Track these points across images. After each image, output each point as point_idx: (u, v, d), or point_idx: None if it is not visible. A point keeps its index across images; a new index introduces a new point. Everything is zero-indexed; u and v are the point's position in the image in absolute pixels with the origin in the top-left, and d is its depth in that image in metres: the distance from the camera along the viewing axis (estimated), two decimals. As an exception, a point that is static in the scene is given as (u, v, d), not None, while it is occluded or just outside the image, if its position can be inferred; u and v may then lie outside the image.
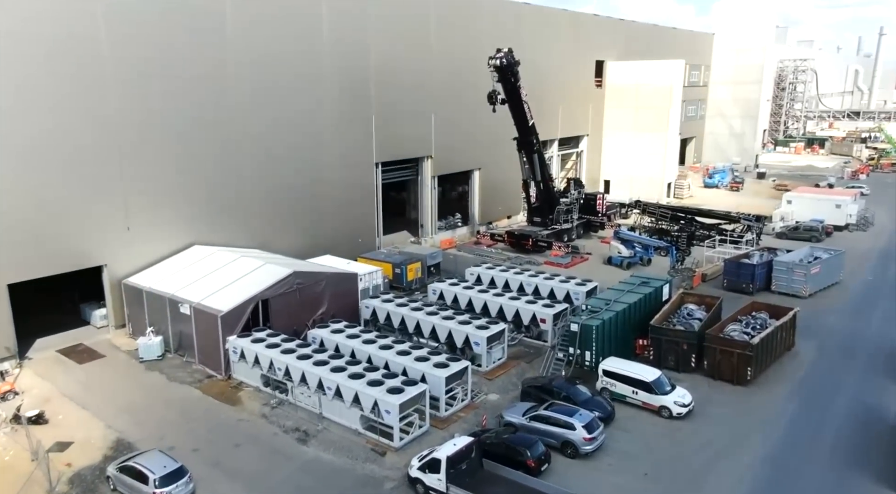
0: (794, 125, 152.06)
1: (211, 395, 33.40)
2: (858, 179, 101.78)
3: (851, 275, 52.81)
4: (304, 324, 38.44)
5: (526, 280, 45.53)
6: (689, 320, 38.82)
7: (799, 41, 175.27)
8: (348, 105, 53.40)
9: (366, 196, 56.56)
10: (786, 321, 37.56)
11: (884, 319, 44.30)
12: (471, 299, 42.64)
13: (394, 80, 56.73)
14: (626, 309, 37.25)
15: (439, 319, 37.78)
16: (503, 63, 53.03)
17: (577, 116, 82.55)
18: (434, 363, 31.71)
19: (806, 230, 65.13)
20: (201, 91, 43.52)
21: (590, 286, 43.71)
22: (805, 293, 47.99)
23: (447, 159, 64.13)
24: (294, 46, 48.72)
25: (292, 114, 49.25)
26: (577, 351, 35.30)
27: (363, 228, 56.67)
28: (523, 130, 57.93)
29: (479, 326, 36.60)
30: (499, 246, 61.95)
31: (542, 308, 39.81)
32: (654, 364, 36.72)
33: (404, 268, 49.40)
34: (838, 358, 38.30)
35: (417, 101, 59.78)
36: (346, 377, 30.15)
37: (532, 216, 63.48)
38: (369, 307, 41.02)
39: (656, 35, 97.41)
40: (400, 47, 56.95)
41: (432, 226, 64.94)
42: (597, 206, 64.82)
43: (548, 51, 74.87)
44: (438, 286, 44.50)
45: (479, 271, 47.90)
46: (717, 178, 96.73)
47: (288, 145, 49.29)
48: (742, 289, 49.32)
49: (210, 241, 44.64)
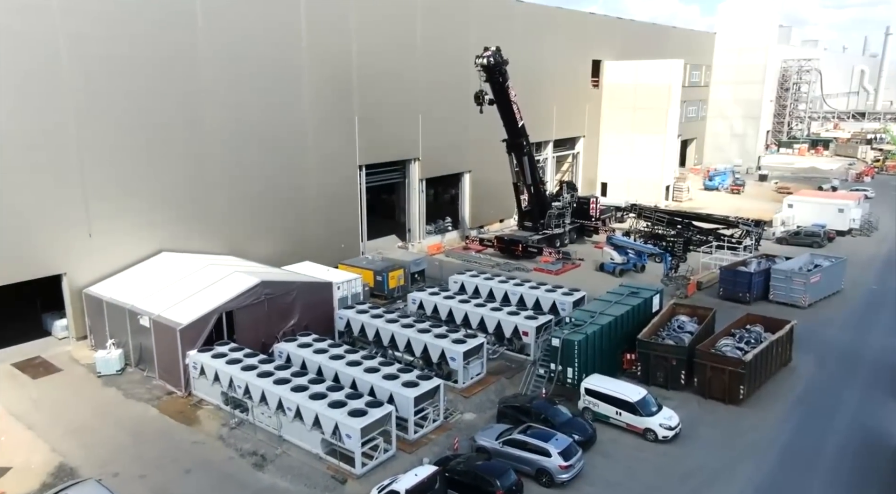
0: (797, 126, 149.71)
1: (168, 414, 31.38)
2: (863, 182, 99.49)
3: (854, 283, 50.62)
4: (274, 337, 36.46)
5: (511, 289, 43.47)
6: (679, 333, 36.71)
7: (803, 41, 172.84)
8: (329, 106, 51.40)
9: (349, 200, 54.54)
10: (782, 336, 35.42)
11: (887, 331, 42.13)
12: (451, 310, 40.60)
13: (378, 80, 54.71)
14: (612, 322, 35.14)
15: (415, 332, 35.71)
16: (490, 62, 51.00)
17: (573, 117, 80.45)
18: (403, 382, 29.64)
19: (807, 236, 62.93)
20: (169, 90, 41.48)
21: (577, 296, 41.63)
22: (804, 303, 45.83)
23: (436, 162, 62.10)
24: (269, 44, 46.69)
25: (268, 115, 47.22)
26: (558, 368, 33.22)
27: (346, 233, 54.65)
28: (513, 132, 55.90)
29: (455, 340, 34.53)
30: (488, 252, 59.90)
31: (525, 320, 37.74)
32: (642, 381, 34.83)
33: (385, 276, 47.38)
34: (838, 374, 36.16)
35: (403, 101, 57.77)
36: (307, 397, 28.11)
37: (523, 221, 61.43)
38: (343, 318, 38.99)
39: (655, 34, 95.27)
40: (384, 46, 54.90)
41: (420, 230, 62.90)
42: (590, 210, 62.63)
43: (542, 50, 72.84)
44: (418, 296, 42.46)
45: (462, 279, 45.86)
46: (718, 180, 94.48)
47: (263, 147, 47.27)
48: (738, 298, 47.21)
49: (180, 247, 42.71)
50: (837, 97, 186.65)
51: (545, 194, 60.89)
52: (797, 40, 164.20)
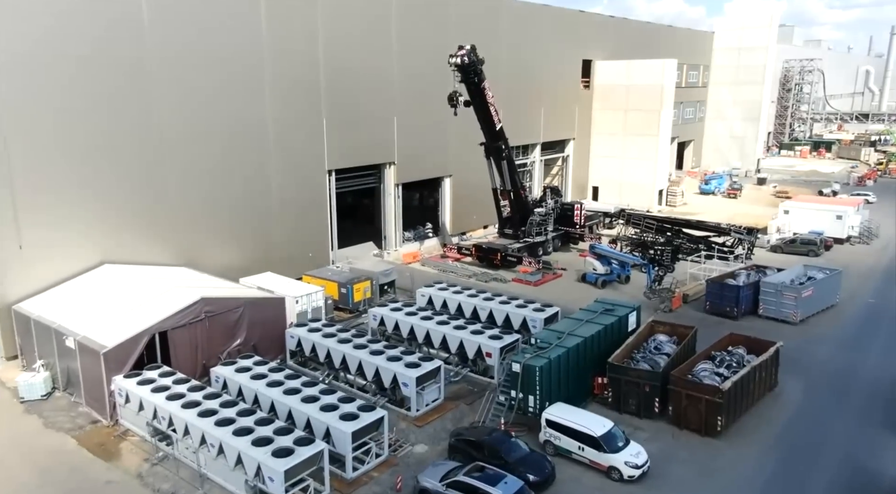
0: (799, 128, 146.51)
1: (87, 447, 28.55)
2: (865, 186, 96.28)
3: (850, 297, 47.59)
4: (218, 359, 33.68)
5: (480, 304, 40.62)
6: (655, 355, 33.77)
7: (806, 41, 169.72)
8: (294, 107, 48.56)
9: (317, 207, 51.69)
10: (766, 359, 32.44)
11: (885, 350, 39.08)
12: (413, 328, 37.74)
13: (349, 79, 51.84)
14: (580, 344, 32.18)
15: (367, 353, 32.84)
16: (464, 61, 48.13)
17: (563, 119, 77.46)
18: (342, 415, 26.76)
19: (803, 244, 59.90)
20: (112, 88, 38.62)
21: (549, 312, 38.73)
22: (795, 319, 42.84)
23: (413, 166, 59.23)
24: (224, 39, 43.78)
25: (225, 116, 44.38)
26: (519, 395, 30.31)
27: (315, 241, 51.81)
28: (491, 135, 52.99)
29: (409, 363, 31.65)
30: (466, 261, 56.98)
31: (488, 340, 34.82)
32: (614, 407, 32.03)
33: (350, 288, 44.55)
34: (828, 402, 33.15)
35: (378, 103, 54.91)
36: (230, 432, 25.27)
37: (503, 228, 58.51)
38: (294, 337, 36.15)
39: (650, 33, 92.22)
40: (355, 43, 52.04)
41: (397, 238, 60.06)
42: (574, 216, 59.62)
43: (528, 49, 69.93)
44: (379, 311, 39.61)
45: (430, 293, 43.00)
46: (714, 184, 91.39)
47: (220, 151, 44.47)
48: (726, 313, 44.29)
49: (125, 259, 39.90)
50: (842, 98, 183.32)
51: (527, 200, 57.93)
52: (799, 40, 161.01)
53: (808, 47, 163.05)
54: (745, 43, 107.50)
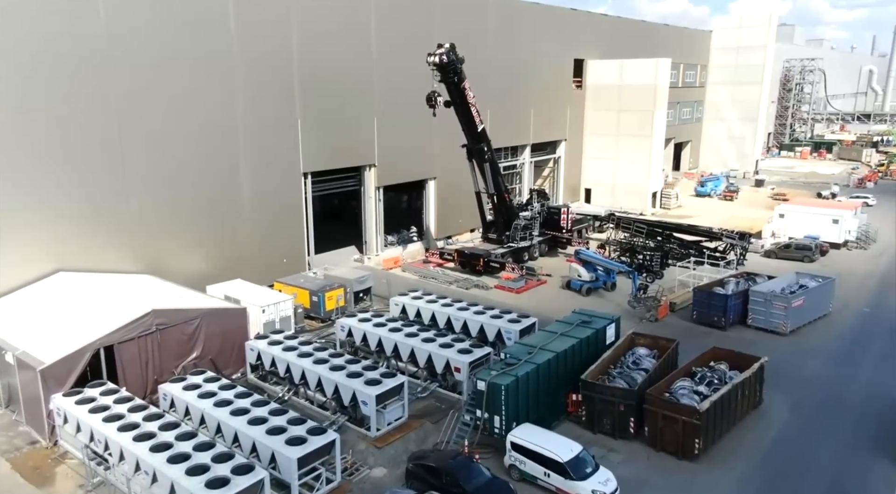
0: (800, 128, 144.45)
1: (21, 471, 26.81)
2: (865, 188, 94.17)
3: (844, 306, 45.65)
4: (172, 373, 31.93)
5: (455, 314, 38.77)
6: (632, 371, 31.88)
7: (807, 40, 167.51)
8: (267, 109, 46.75)
9: (292, 211, 49.88)
10: (749, 376, 30.56)
11: (878, 364, 37.13)
12: (381, 340, 35.93)
13: (325, 79, 50.03)
14: (552, 360, 30.32)
15: (326, 369, 31.02)
16: (443, 60, 46.28)
17: (554, 120, 75.58)
18: (288, 439, 24.94)
19: (798, 249, 57.92)
20: (68, 89, 36.88)
21: (526, 323, 36.87)
22: (785, 330, 40.94)
23: (395, 169, 57.38)
24: (190, 34, 42.03)
25: (191, 116, 42.56)
26: (484, 415, 28.48)
27: (290, 246, 50.01)
28: (473, 137, 51.13)
29: (369, 380, 29.82)
30: (449, 266, 55.15)
31: (457, 354, 32.95)
32: (588, 427, 30.24)
33: (321, 296, 42.73)
34: (816, 421, 31.22)
35: (356, 104, 53.08)
36: (165, 459, 23.47)
37: (487, 232, 56.66)
38: (254, 350, 34.34)
39: (645, 32, 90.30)
40: (331, 42, 50.26)
41: (378, 242, 58.24)
42: (561, 220, 57.70)
43: (517, 47, 68.06)
44: (347, 322, 37.79)
45: (404, 302, 41.21)
46: (710, 186, 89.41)
47: (187, 154, 42.64)
48: (713, 323, 42.44)
49: (83, 266, 38.12)
50: (844, 98, 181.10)
51: (511, 204, 56.05)
52: (801, 39, 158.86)
53: (809, 47, 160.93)
54: (744, 42, 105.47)
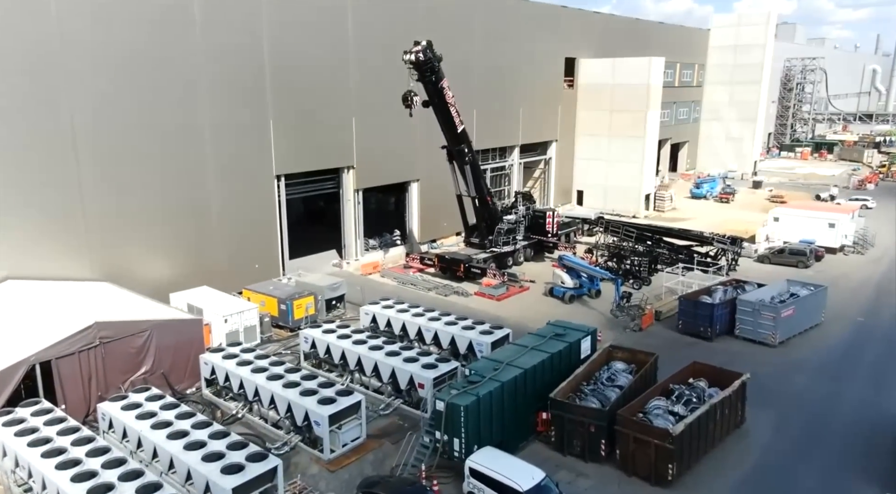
0: (801, 128, 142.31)
1: (-56, 497, 25.12)
2: (865, 190, 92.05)
3: (837, 314, 43.68)
4: (119, 390, 30.17)
5: (425, 325, 36.98)
6: (606, 388, 30.00)
7: (809, 39, 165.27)
8: (235, 108, 44.97)
9: (265, 214, 48.10)
10: (729, 395, 28.65)
11: (869, 380, 35.17)
12: (344, 353, 34.11)
13: (299, 78, 48.25)
14: (519, 377, 28.46)
15: (279, 386, 29.20)
16: (420, 58, 44.41)
17: (544, 120, 73.67)
18: (224, 467, 23.06)
19: (792, 254, 55.93)
20: (16, 87, 35.13)
21: (499, 335, 35.04)
22: (774, 342, 39.02)
23: (375, 170, 55.53)
24: (152, 35, 40.25)
25: (152, 115, 40.73)
26: (443, 438, 26.62)
27: (262, 251, 48.21)
28: (452, 138, 49.26)
29: (323, 399, 27.98)
30: (430, 272, 53.29)
31: (421, 370, 31.10)
32: (557, 448, 28.38)
33: (290, 304, 40.91)
34: (801, 443, 29.27)
35: (333, 103, 51.28)
36: (86, 489, 21.64)
37: (469, 237, 54.80)
38: (208, 364, 32.52)
39: (640, 30, 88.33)
40: (306, 38, 48.44)
41: (358, 246, 56.39)
42: (546, 224, 55.75)
43: (505, 45, 66.16)
44: (311, 333, 35.96)
45: (374, 311, 39.41)
46: (706, 188, 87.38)
47: (149, 156, 40.89)
48: (699, 334, 40.58)
49: (36, 274, 36.42)
50: (847, 98, 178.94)
51: (494, 207, 54.14)
52: (802, 38, 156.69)
53: (811, 46, 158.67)
54: (742, 41, 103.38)
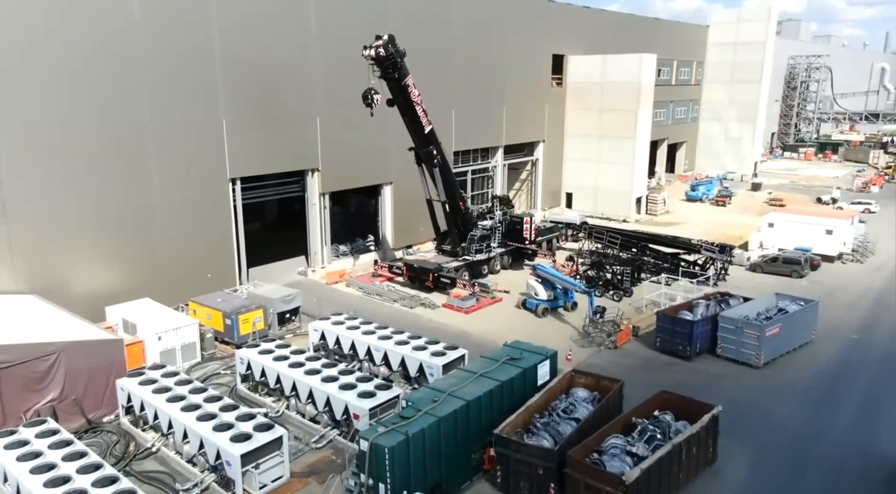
0: (805, 128, 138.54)
1: None
2: (869, 192, 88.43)
3: (830, 331, 40.34)
4: (21, 420, 27.21)
5: (375, 344, 33.92)
6: (562, 421, 26.78)
7: (814, 36, 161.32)
8: (183, 105, 42.05)
9: (218, 220, 45.14)
10: (697, 431, 25.42)
11: (860, 408, 31.78)
12: (279, 377, 31.02)
13: (256, 74, 45.28)
14: (460, 411, 25.27)
15: (193, 418, 26.12)
16: (380, 54, 41.32)
17: (530, 120, 70.44)
18: (102, 519, 20.07)
19: (786, 263, 52.52)
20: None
21: (453, 356, 31.94)
22: (758, 362, 35.73)
23: (343, 173, 52.44)
24: (87, 27, 37.35)
25: (89, 113, 37.91)
26: (367, 482, 23.48)
27: (216, 259, 45.21)
28: (420, 139, 46.15)
29: (237, 436, 24.86)
30: (399, 281, 50.10)
31: (357, 399, 27.95)
32: (503, 490, 25.17)
33: (235, 319, 37.84)
34: (780, 483, 26.00)
35: (294, 101, 48.27)
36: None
37: (441, 244, 51.64)
38: (124, 390, 29.47)
39: (635, 27, 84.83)
40: (262, 30, 45.41)
41: (325, 253, 53.31)
42: (524, 231, 52.47)
43: (486, 41, 63.02)
44: (247, 355, 32.87)
45: (324, 327, 36.36)
46: (702, 190, 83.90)
47: (84, 154, 38.01)
48: (678, 352, 37.32)
49: (-50, 288, 33.60)
50: (855, 96, 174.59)
51: (467, 212, 50.95)
52: (807, 35, 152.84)
53: (816, 43, 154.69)
54: (743, 38, 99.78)
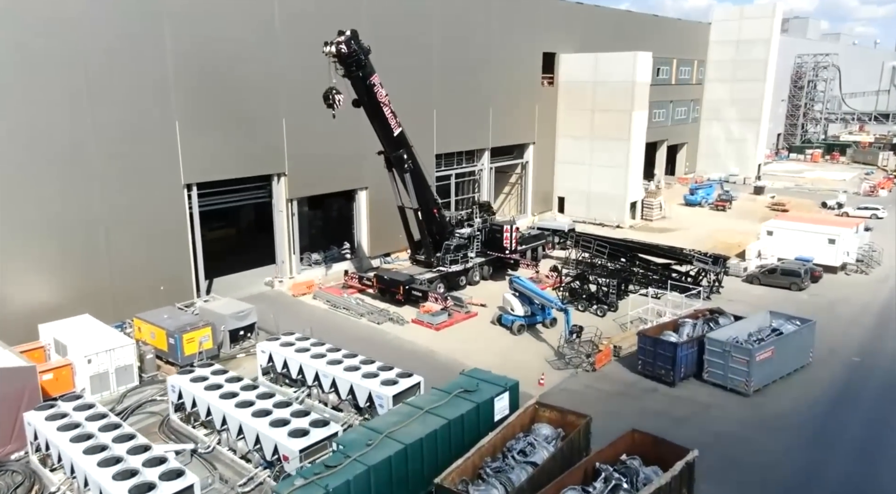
0: (813, 129, 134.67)
1: None
2: (877, 197, 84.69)
3: (830, 352, 36.94)
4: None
5: (323, 369, 30.81)
6: (517, 465, 23.54)
7: (823, 34, 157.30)
8: (130, 106, 39.06)
9: (172, 229, 42.13)
10: (669, 481, 22.16)
11: (861, 445, 28.34)
12: (210, 409, 27.92)
13: (214, 72, 42.27)
14: (397, 457, 22.14)
15: (93, 463, 22.98)
16: (342, 51, 38.21)
17: (519, 121, 67.21)
18: None
19: (784, 275, 49.06)
20: None
21: (406, 385, 28.76)
22: (747, 390, 32.42)
23: (312, 178, 49.41)
24: (20, 21, 34.39)
25: (21, 114, 34.97)
26: (282, 542, 20.38)
27: (169, 271, 42.22)
28: (389, 142, 43.03)
29: (140, 486, 21.70)
30: (370, 292, 46.93)
31: (287, 438, 24.77)
32: (447, 548, 21.96)
33: (178, 338, 34.77)
34: (762, 540, 22.82)
35: (258, 101, 45.28)
36: None
37: (415, 253, 48.48)
38: (31, 426, 26.41)
39: (631, 24, 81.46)
40: (219, 24, 42.39)
41: (293, 263, 50.22)
42: (504, 240, 49.17)
43: (470, 37, 59.87)
44: (178, 382, 29.75)
45: (271, 349, 33.27)
46: (701, 194, 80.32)
47: (18, 158, 35.07)
48: (660, 377, 34.06)
49: None
50: (865, 96, 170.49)
51: (443, 220, 47.67)
52: (815, 33, 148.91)
53: (824, 41, 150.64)
54: (745, 35, 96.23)
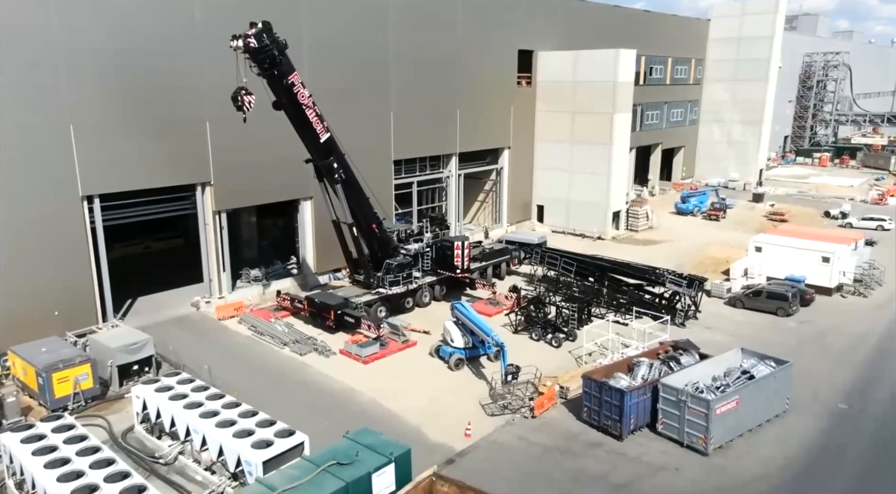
0: (822, 131, 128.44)
1: None
2: (885, 205, 78.60)
3: (812, 395, 31.57)
4: None
5: (195, 423, 25.82)
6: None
7: (834, 32, 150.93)
8: (16, 106, 34.28)
9: (69, 246, 37.32)
10: None
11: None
12: (33, 480, 22.95)
13: (119, 66, 37.45)
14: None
15: None
16: (251, 45, 33.27)
17: (491, 124, 62.01)
18: None
19: (771, 298, 43.54)
20: None
21: (282, 447, 23.66)
22: (706, 448, 27.11)
23: (244, 187, 44.42)
24: None
25: None
26: None
27: (66, 293, 37.38)
28: (316, 150, 38.00)
29: None
30: (303, 316, 42.00)
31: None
32: None
33: (47, 378, 29.91)
34: None
35: (175, 101, 40.41)
36: None
37: (354, 273, 43.44)
38: None
39: (621, 20, 75.80)
40: (123, 15, 37.54)
41: (222, 281, 45.27)
42: (454, 257, 43.91)
43: (434, 33, 54.67)
44: (8, 441, 24.72)
45: (146, 395, 28.33)
46: (694, 202, 74.63)
47: None
48: (607, 429, 28.83)
49: None
50: (880, 97, 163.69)
51: (383, 236, 42.42)
52: (825, 31, 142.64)
53: (835, 39, 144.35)
54: (747, 32, 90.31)
